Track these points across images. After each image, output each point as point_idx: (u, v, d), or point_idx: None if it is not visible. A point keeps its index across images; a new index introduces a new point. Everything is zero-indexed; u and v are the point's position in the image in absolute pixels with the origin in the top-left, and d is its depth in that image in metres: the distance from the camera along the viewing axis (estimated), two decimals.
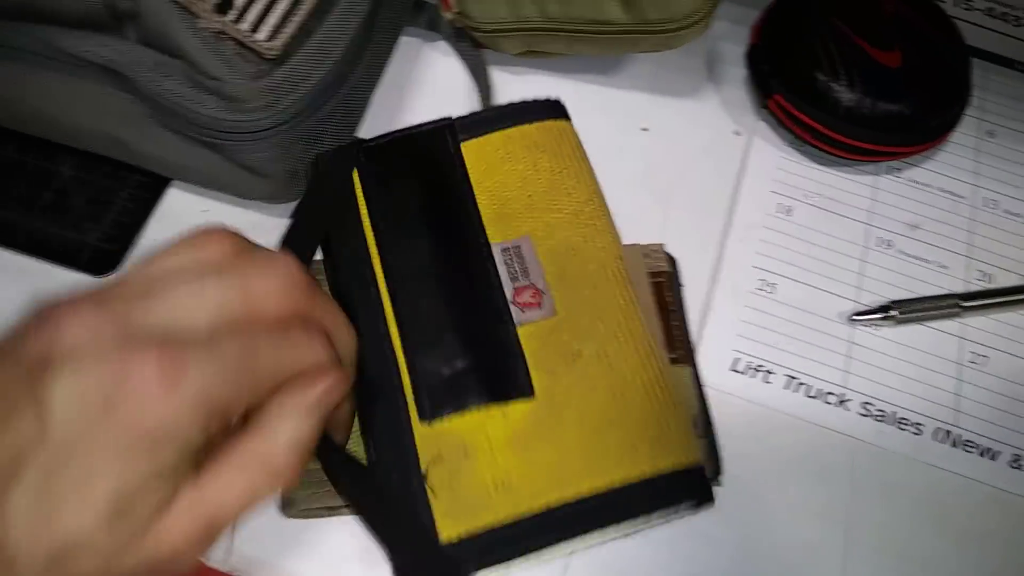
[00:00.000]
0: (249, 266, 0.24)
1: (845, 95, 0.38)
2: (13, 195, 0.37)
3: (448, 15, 0.41)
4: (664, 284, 0.35)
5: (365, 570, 0.30)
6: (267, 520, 0.31)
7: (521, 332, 0.30)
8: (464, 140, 0.34)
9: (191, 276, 0.23)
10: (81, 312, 0.22)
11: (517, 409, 0.29)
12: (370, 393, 0.29)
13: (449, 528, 0.27)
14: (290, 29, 0.33)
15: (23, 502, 0.20)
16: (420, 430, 0.29)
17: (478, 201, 0.33)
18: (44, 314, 0.22)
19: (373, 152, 0.34)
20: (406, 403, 0.29)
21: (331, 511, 0.30)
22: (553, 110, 0.36)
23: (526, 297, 0.31)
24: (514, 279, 0.31)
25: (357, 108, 0.38)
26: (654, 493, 0.28)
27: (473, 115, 0.35)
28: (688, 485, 0.29)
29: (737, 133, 0.42)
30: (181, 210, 0.37)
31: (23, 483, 0.20)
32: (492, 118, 0.35)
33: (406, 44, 0.43)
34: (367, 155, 0.34)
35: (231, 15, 0.32)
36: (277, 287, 0.24)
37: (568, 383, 0.29)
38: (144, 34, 0.32)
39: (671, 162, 0.41)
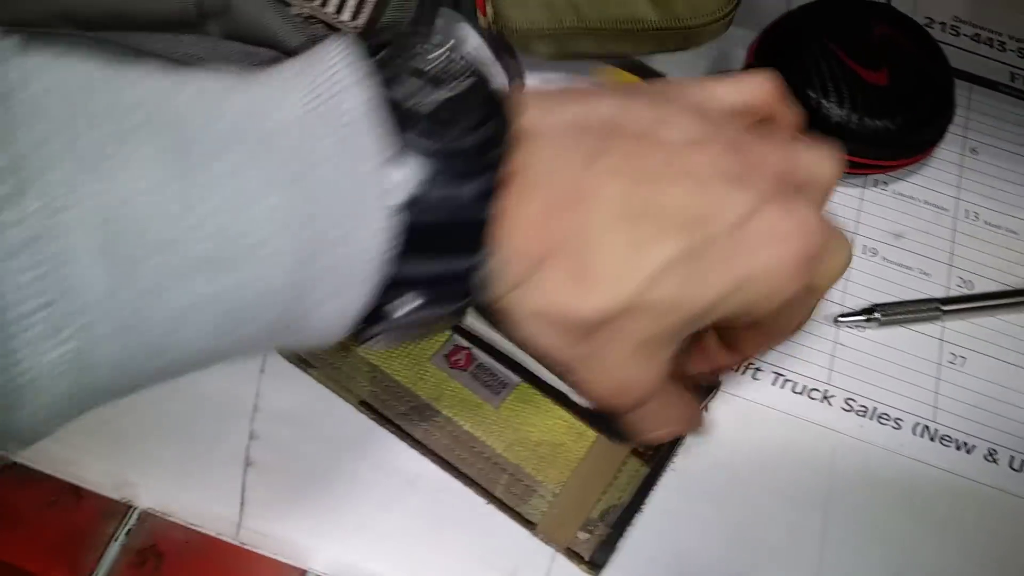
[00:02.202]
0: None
1: (835, 111, 0.41)
2: None
3: (483, 20, 0.43)
4: None
5: (369, 543, 0.33)
6: (276, 494, 0.33)
7: None
8: None
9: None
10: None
11: None
12: None
13: None
14: (368, 7, 0.35)
15: None
16: None
17: None
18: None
19: None
20: None
21: None
22: None
23: None
24: None
25: None
26: None
27: None
28: None
29: None
30: None
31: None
32: None
33: None
34: None
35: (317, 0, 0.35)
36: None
37: None
38: (230, 27, 0.35)
39: None
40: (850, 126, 0.41)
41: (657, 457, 0.35)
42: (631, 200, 0.22)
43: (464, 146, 0.20)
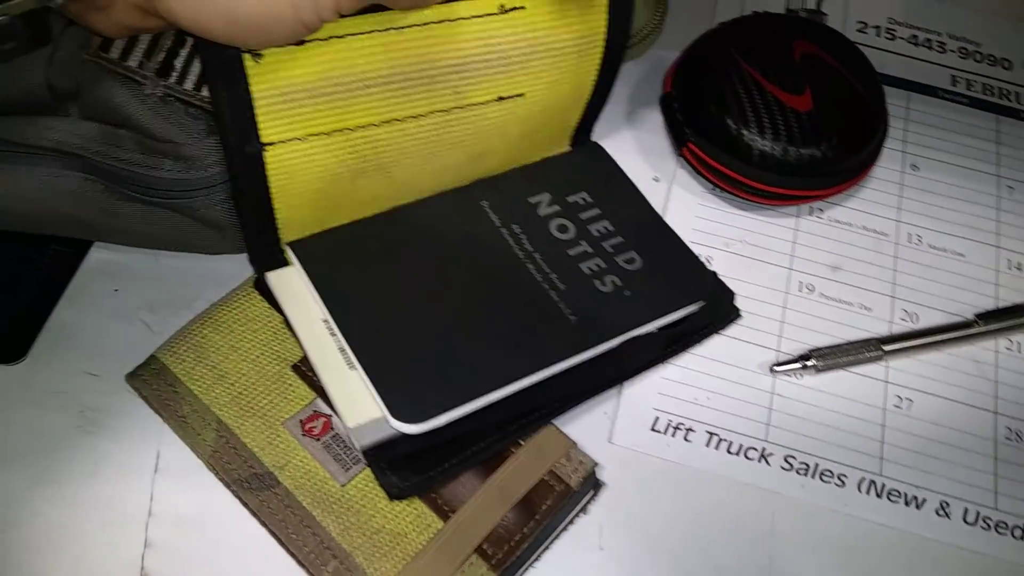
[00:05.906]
0: None
1: (757, 141, 0.38)
2: None
3: None
4: (553, 494, 0.32)
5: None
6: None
7: None
8: None
9: None
10: None
11: None
12: None
13: None
14: None
15: None
16: None
17: None
18: None
19: None
20: None
21: None
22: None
23: None
24: None
25: None
26: None
27: None
28: None
29: (656, 179, 0.42)
30: (91, 291, 0.37)
31: None
32: None
33: None
34: None
35: (173, 77, 0.33)
36: None
37: None
38: (88, 110, 0.33)
39: None
40: (775, 156, 0.38)
41: (509, 563, 0.31)
42: None
43: None
